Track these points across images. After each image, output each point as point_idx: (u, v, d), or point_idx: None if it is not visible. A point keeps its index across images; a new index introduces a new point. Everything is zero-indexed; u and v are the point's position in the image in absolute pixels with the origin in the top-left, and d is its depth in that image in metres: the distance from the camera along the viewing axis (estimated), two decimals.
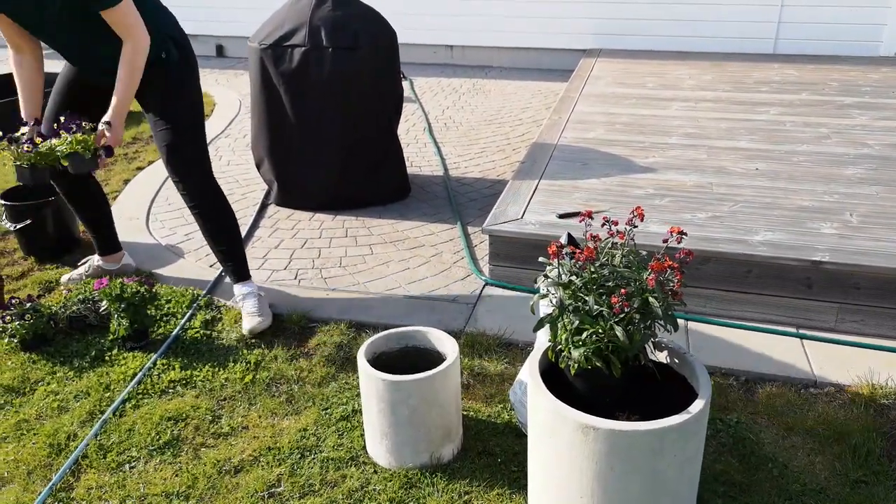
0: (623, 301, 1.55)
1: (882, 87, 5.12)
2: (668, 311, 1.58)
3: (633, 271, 1.64)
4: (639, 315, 1.58)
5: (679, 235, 1.65)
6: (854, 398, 2.20)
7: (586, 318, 1.61)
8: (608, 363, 1.62)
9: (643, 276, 1.62)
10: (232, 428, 2.12)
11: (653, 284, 1.57)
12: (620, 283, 1.62)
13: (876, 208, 2.94)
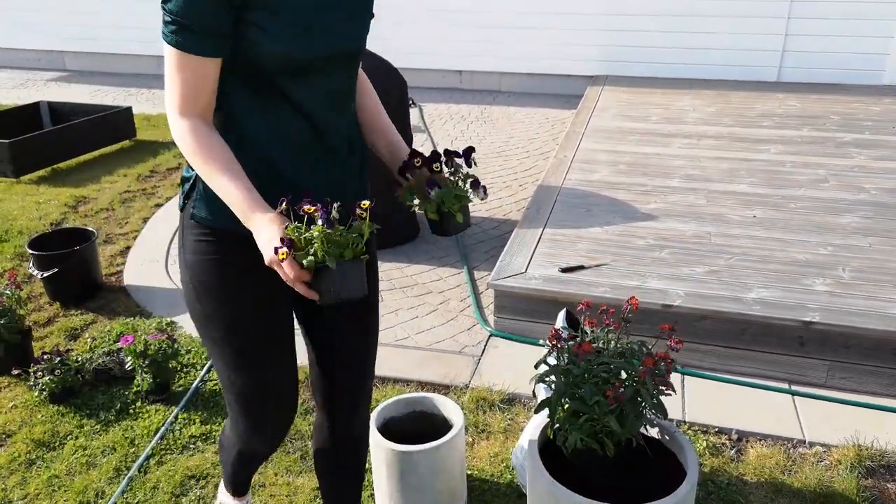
0: (617, 394, 1.67)
1: (883, 121, 5.21)
2: (657, 402, 1.70)
3: (626, 361, 1.76)
4: (631, 404, 1.69)
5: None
6: (840, 459, 2.31)
7: (582, 406, 1.73)
8: (602, 444, 1.74)
9: (636, 366, 1.74)
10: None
11: (644, 377, 1.69)
12: (614, 373, 1.74)
13: (868, 262, 3.05)
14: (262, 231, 1.23)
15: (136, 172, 5.05)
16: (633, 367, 1.75)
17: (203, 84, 1.30)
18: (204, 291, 1.46)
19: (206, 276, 1.45)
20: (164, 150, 5.50)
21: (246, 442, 1.65)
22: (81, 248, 3.26)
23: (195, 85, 1.30)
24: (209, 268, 1.44)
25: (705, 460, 2.34)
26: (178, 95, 1.30)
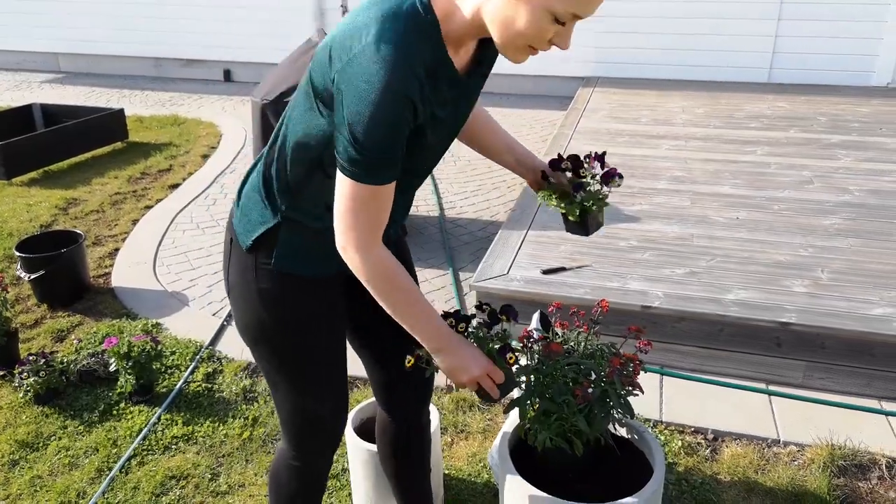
0: (585, 394, 1.70)
1: (870, 122, 5.24)
2: (624, 401, 1.72)
3: (595, 361, 1.79)
4: (599, 404, 1.72)
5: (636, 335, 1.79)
6: (813, 458, 2.34)
7: (552, 405, 1.75)
8: (571, 443, 1.77)
9: (605, 367, 1.77)
10: (230, 486, 2.28)
11: (612, 377, 1.71)
12: (584, 373, 1.76)
13: (848, 263, 3.07)
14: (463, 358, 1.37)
15: (128, 174, 5.07)
16: (601, 367, 1.78)
17: (388, 207, 1.26)
18: (291, 320, 1.46)
19: (292, 311, 1.45)
20: (155, 152, 5.53)
21: (315, 463, 1.66)
22: (69, 251, 3.29)
23: (384, 210, 1.25)
24: (294, 303, 1.44)
25: (680, 460, 2.36)
26: (367, 229, 1.24)
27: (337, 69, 1.17)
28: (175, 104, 7.11)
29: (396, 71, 1.11)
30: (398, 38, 1.13)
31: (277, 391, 1.56)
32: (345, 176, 1.21)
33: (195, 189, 4.77)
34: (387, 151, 1.17)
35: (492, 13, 1.16)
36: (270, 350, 1.50)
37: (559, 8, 1.11)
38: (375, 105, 1.12)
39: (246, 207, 1.45)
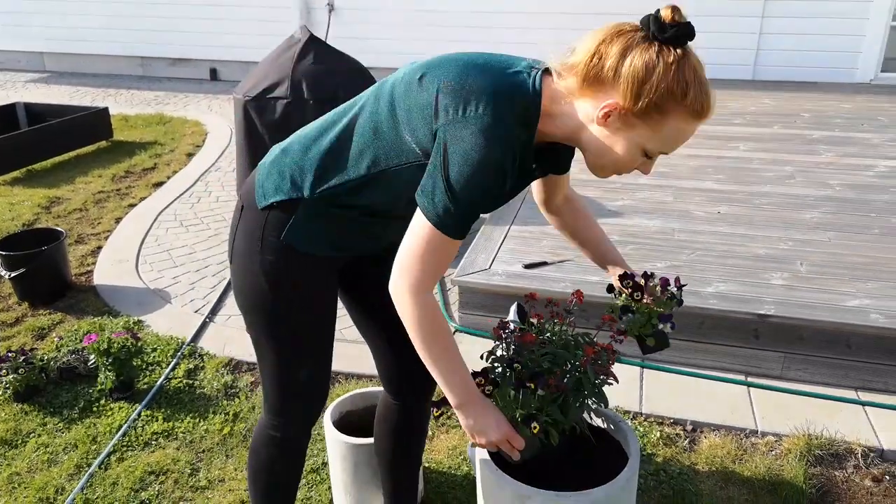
0: (559, 383, 1.70)
1: (853, 118, 5.28)
2: (598, 390, 1.73)
3: (570, 352, 1.79)
4: (573, 393, 1.73)
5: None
6: (791, 448, 2.36)
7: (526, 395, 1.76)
8: (547, 433, 1.77)
9: (580, 357, 1.78)
10: (209, 481, 2.27)
11: (586, 367, 1.72)
12: (557, 363, 1.77)
13: (826, 256, 3.10)
14: (485, 418, 1.43)
15: (112, 173, 5.06)
16: (576, 357, 1.79)
17: (451, 260, 1.36)
18: (289, 291, 1.52)
19: (292, 283, 1.51)
20: (140, 151, 5.51)
21: (295, 433, 1.70)
22: (49, 248, 3.28)
23: (449, 261, 1.35)
24: (295, 275, 1.51)
25: (659, 450, 2.38)
26: (427, 274, 1.32)
27: (444, 122, 1.26)
28: (161, 103, 7.09)
29: (502, 148, 1.24)
30: (509, 120, 1.25)
31: (264, 359, 1.61)
32: (429, 222, 1.29)
33: (179, 187, 4.76)
34: (476, 210, 1.28)
35: (591, 140, 1.30)
36: (265, 318, 1.55)
37: (651, 146, 1.27)
38: (479, 172, 1.23)
39: (274, 172, 1.49)
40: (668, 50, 1.20)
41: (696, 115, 1.23)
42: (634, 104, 1.22)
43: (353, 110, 1.44)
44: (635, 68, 1.20)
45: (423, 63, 1.38)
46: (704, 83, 1.23)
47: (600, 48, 1.23)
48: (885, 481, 2.27)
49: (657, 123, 1.24)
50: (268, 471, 1.74)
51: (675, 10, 1.21)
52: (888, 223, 3.42)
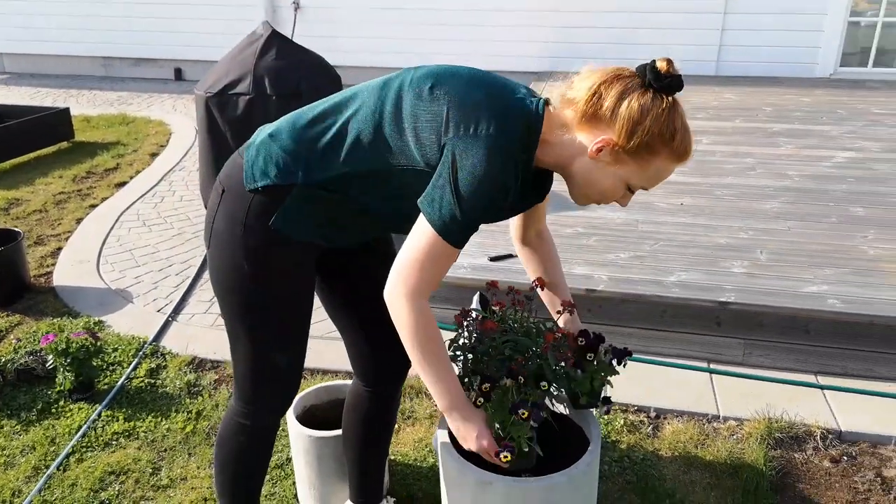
0: (520, 369, 1.71)
1: (812, 111, 5.38)
2: (559, 376, 1.74)
3: (532, 339, 1.80)
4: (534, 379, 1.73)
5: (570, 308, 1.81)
6: (751, 432, 2.39)
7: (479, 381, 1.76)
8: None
9: (540, 343, 1.78)
10: (171, 480, 2.24)
11: (546, 352, 1.73)
12: (519, 350, 1.77)
13: (785, 245, 3.15)
14: (469, 426, 1.48)
15: (73, 174, 4.97)
16: (537, 343, 1.80)
17: (448, 268, 1.42)
18: (269, 276, 1.52)
19: (272, 265, 1.51)
20: (101, 151, 5.42)
21: (265, 422, 1.70)
22: (6, 249, 3.21)
23: (447, 269, 1.41)
24: (276, 258, 1.51)
25: (623, 437, 2.40)
26: (425, 281, 1.38)
27: (453, 136, 1.33)
28: (124, 103, 6.98)
29: (507, 165, 1.33)
30: (515, 141, 1.34)
31: (238, 343, 1.60)
32: (433, 230, 1.35)
33: (142, 187, 4.69)
34: (479, 221, 1.36)
35: (581, 171, 1.40)
36: (242, 301, 1.54)
37: (635, 182, 1.39)
38: (486, 185, 1.31)
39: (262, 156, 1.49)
40: (661, 98, 1.32)
41: (679, 157, 1.37)
42: (627, 142, 1.33)
43: (353, 106, 1.46)
44: (632, 110, 1.31)
45: (431, 71, 1.43)
46: (688, 130, 1.37)
47: (600, 88, 1.34)
48: (842, 462, 2.32)
49: (645, 162, 1.35)
50: (236, 460, 1.73)
51: (669, 63, 1.33)
52: (845, 212, 3.49)
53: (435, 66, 1.48)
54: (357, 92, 1.50)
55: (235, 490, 1.75)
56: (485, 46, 7.05)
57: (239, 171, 1.52)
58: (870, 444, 2.38)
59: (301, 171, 1.46)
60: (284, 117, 1.56)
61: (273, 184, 1.47)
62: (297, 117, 1.52)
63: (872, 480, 2.24)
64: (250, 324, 1.57)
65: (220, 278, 1.56)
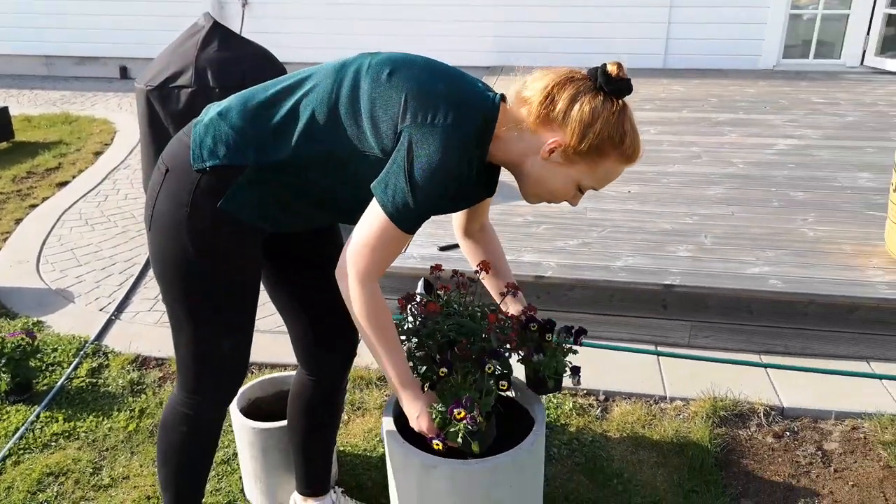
0: (464, 352, 1.70)
1: (756, 101, 5.51)
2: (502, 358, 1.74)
3: (476, 322, 1.79)
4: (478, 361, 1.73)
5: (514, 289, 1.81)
6: (697, 411, 2.43)
7: (432, 366, 1.75)
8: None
9: (484, 326, 1.78)
10: (113, 479, 2.18)
11: (489, 334, 1.73)
12: (462, 332, 1.77)
13: (729, 228, 3.22)
14: (413, 405, 1.50)
15: (12, 174, 4.81)
16: (481, 326, 1.79)
17: (399, 252, 1.43)
18: (214, 259, 1.49)
19: (218, 248, 1.49)
20: (43, 151, 5.26)
21: (209, 412, 1.66)
22: None
23: (395, 255, 1.42)
24: (222, 241, 1.48)
25: (572, 420, 2.42)
26: (375, 264, 1.39)
27: (410, 123, 1.33)
28: (67, 103, 6.79)
29: (461, 156, 1.34)
30: (471, 132, 1.35)
31: (181, 329, 1.56)
32: (385, 215, 1.35)
33: (85, 186, 4.57)
34: (431, 209, 1.36)
35: (532, 170, 1.42)
36: (185, 285, 1.51)
37: (585, 182, 1.42)
38: (440, 174, 1.32)
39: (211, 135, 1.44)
40: (612, 101, 1.35)
41: (628, 159, 1.40)
42: (578, 144, 1.35)
43: (306, 86, 1.44)
44: (583, 113, 1.34)
45: (390, 58, 1.43)
46: (637, 133, 1.40)
47: (553, 90, 1.37)
48: (785, 437, 2.37)
49: (594, 163, 1.38)
50: (179, 451, 1.68)
51: (619, 67, 1.36)
52: (786, 196, 3.58)
53: (392, 53, 1.47)
54: (312, 73, 1.48)
55: (179, 483, 1.71)
56: (436, 41, 7.04)
57: (185, 150, 1.47)
58: (811, 420, 2.44)
59: (252, 151, 1.43)
60: (234, 96, 1.52)
61: (222, 164, 1.43)
62: (248, 96, 1.48)
63: (813, 454, 2.29)
64: (193, 309, 1.54)
65: (163, 261, 1.51)
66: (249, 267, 1.56)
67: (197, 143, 1.45)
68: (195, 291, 1.51)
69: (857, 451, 2.30)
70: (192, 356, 1.58)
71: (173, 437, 1.66)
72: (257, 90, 1.50)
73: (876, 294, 2.67)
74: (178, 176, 1.46)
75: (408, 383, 1.51)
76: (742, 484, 2.17)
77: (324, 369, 1.85)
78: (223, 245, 1.49)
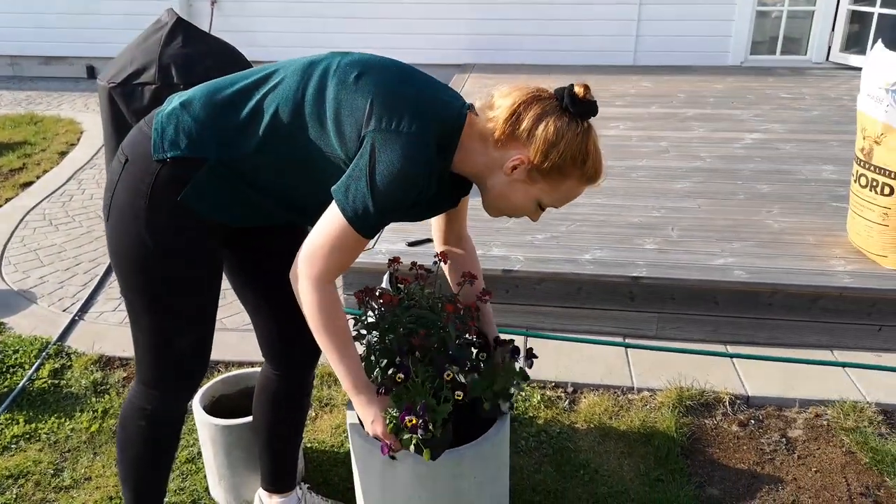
0: (422, 342, 1.70)
1: (723, 97, 5.56)
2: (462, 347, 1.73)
3: (436, 313, 1.79)
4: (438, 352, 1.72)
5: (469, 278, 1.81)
6: (664, 402, 2.45)
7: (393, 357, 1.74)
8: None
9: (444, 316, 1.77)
10: (74, 480, 2.15)
11: (448, 324, 1.72)
12: (421, 324, 1.76)
13: (695, 222, 3.25)
14: (366, 410, 1.50)
15: None
16: (441, 317, 1.79)
17: (356, 257, 1.43)
18: (173, 252, 1.47)
19: (177, 241, 1.47)
20: (6, 152, 5.16)
21: (169, 407, 1.64)
22: None
23: (352, 259, 1.42)
24: (181, 234, 1.46)
25: (540, 413, 2.42)
26: (333, 269, 1.38)
27: (374, 129, 1.32)
28: (32, 103, 6.67)
29: (424, 164, 1.33)
30: (433, 141, 1.34)
31: (141, 324, 1.54)
32: (344, 219, 1.34)
33: (50, 186, 4.49)
34: (390, 215, 1.36)
35: (495, 184, 1.43)
36: (144, 278, 1.49)
37: (545, 200, 1.44)
38: (400, 181, 1.31)
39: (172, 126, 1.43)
40: (577, 122, 1.37)
41: (589, 180, 1.42)
42: (541, 163, 1.36)
43: (272, 82, 1.42)
44: (548, 133, 1.35)
45: (359, 60, 1.41)
46: (600, 155, 1.42)
47: (519, 108, 1.37)
48: (750, 425, 2.40)
49: (556, 182, 1.40)
50: (137, 446, 1.66)
51: (586, 89, 1.37)
52: (752, 189, 3.62)
53: (363, 54, 1.45)
54: (279, 68, 1.46)
55: (137, 477, 1.69)
56: (406, 39, 7.02)
57: (145, 140, 1.45)
58: (776, 408, 2.47)
59: (215, 145, 1.41)
60: (198, 87, 1.50)
61: (183, 155, 1.41)
62: (212, 89, 1.46)
63: (778, 441, 2.32)
64: (155, 302, 1.52)
65: (120, 253, 1.49)
66: (209, 259, 1.54)
67: (159, 133, 1.43)
68: (153, 284, 1.49)
69: (820, 438, 2.33)
70: (150, 349, 1.56)
71: (131, 431, 1.63)
72: (223, 83, 1.48)
73: (838, 283, 2.71)
74: (138, 166, 1.44)
75: (362, 388, 1.50)
76: (707, 472, 2.19)
77: (289, 363, 1.83)
78: (182, 238, 1.47)
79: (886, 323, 2.72)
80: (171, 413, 1.66)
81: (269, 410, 1.86)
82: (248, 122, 1.41)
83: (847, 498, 2.09)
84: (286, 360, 1.82)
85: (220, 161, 1.42)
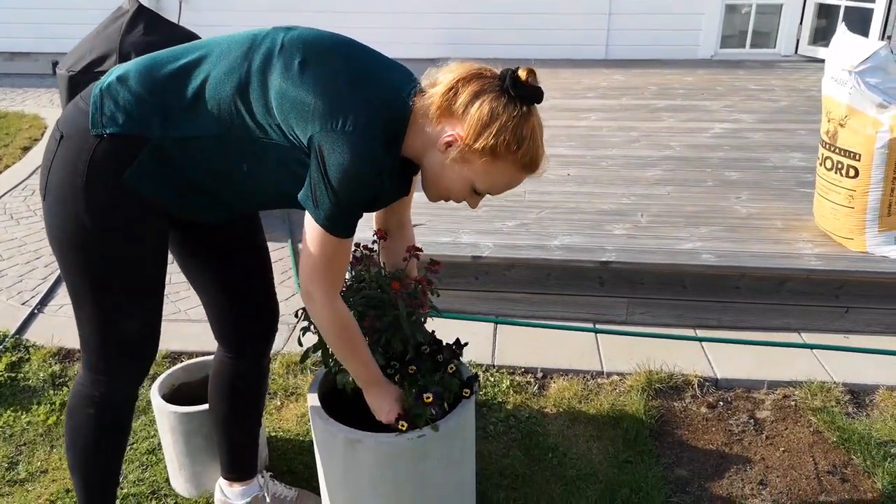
0: (372, 324, 1.66)
1: (694, 89, 5.59)
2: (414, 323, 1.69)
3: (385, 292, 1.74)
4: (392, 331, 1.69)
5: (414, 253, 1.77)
6: (633, 385, 2.44)
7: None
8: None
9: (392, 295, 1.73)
10: (30, 473, 2.08)
11: (397, 302, 1.68)
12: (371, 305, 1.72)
13: (664, 208, 3.25)
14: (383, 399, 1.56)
15: None
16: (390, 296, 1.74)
17: (349, 260, 1.46)
18: (113, 232, 1.42)
19: (118, 221, 1.42)
20: None
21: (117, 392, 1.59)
22: None
23: (347, 261, 1.43)
24: (122, 213, 1.41)
25: (509, 398, 2.40)
26: (335, 277, 1.41)
27: (319, 131, 1.30)
28: None
29: (371, 161, 1.32)
30: (376, 135, 1.32)
31: (82, 306, 1.49)
32: (321, 228, 1.34)
33: (11, 181, 4.39)
34: (358, 210, 1.36)
35: (431, 163, 1.40)
36: (85, 259, 1.44)
37: (479, 185, 1.40)
38: (354, 179, 1.30)
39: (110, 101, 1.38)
40: (515, 105, 1.33)
41: (525, 168, 1.38)
42: (473, 142, 1.33)
43: (212, 58, 1.38)
44: (482, 112, 1.32)
45: (304, 40, 1.37)
46: (538, 143, 1.38)
47: (458, 84, 1.34)
48: (718, 407, 2.39)
49: (489, 165, 1.35)
50: (85, 434, 1.61)
51: (530, 73, 1.34)
52: (720, 176, 3.63)
53: (308, 32, 1.41)
54: (220, 42, 1.42)
55: (88, 468, 1.63)
56: (378, 34, 6.96)
57: (81, 116, 1.40)
58: (744, 389, 2.47)
59: (157, 123, 1.37)
60: (136, 60, 1.45)
61: (121, 132, 1.37)
62: (150, 64, 1.42)
63: (746, 422, 2.32)
64: (98, 284, 1.46)
65: (58, 234, 1.44)
66: (151, 237, 1.49)
67: (97, 107, 1.38)
68: (94, 265, 1.44)
69: (788, 419, 2.33)
70: (95, 333, 1.51)
71: (79, 419, 1.58)
72: (162, 57, 1.44)
73: (805, 266, 2.72)
74: (74, 143, 1.39)
75: (376, 380, 1.56)
76: (676, 453, 2.18)
77: (242, 348, 1.79)
78: (122, 217, 1.42)
79: (853, 305, 2.73)
80: (121, 399, 1.61)
81: (226, 397, 1.81)
82: (192, 102, 1.36)
83: (815, 476, 2.09)
84: (239, 344, 1.78)
85: (163, 139, 1.38)
